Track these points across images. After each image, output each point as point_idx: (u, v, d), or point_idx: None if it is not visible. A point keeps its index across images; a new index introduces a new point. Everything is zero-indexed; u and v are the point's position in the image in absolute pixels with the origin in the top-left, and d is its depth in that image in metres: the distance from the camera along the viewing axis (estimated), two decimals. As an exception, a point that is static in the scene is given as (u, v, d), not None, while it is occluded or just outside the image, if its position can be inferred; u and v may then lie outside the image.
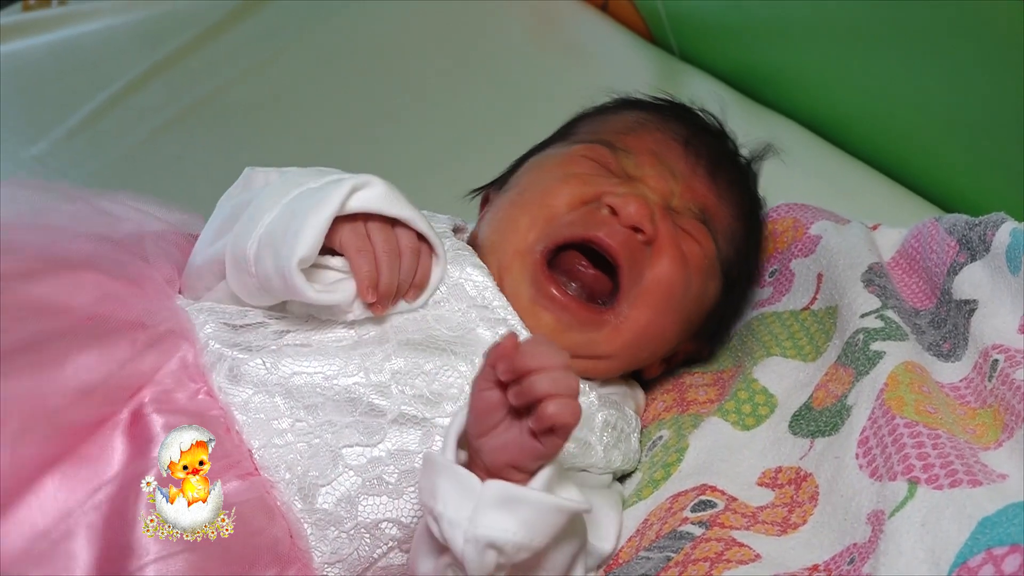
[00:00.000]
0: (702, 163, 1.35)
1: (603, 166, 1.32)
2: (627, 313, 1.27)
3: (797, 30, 1.78)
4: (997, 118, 1.45)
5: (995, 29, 1.38)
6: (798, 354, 1.32)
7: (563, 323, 1.25)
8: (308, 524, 1.15)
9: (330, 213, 1.13)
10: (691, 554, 1.09)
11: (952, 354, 1.20)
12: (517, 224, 1.29)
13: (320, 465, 1.15)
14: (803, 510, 1.12)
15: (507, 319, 1.23)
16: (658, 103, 1.45)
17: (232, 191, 1.29)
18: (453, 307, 1.23)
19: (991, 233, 1.21)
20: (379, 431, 1.17)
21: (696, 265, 1.31)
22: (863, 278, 1.30)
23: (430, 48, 2.32)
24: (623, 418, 1.29)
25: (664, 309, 1.29)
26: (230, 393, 1.17)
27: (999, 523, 0.92)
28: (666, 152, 1.34)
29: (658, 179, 1.32)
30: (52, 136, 2.17)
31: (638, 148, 1.33)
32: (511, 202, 1.33)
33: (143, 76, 2.30)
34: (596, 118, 1.42)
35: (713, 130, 1.43)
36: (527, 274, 1.26)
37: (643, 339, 1.29)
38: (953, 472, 0.99)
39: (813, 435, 1.18)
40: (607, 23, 2.27)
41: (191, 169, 2.07)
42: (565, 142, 1.39)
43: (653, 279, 1.27)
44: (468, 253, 1.27)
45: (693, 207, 1.32)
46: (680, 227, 1.30)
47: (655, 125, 1.37)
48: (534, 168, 1.37)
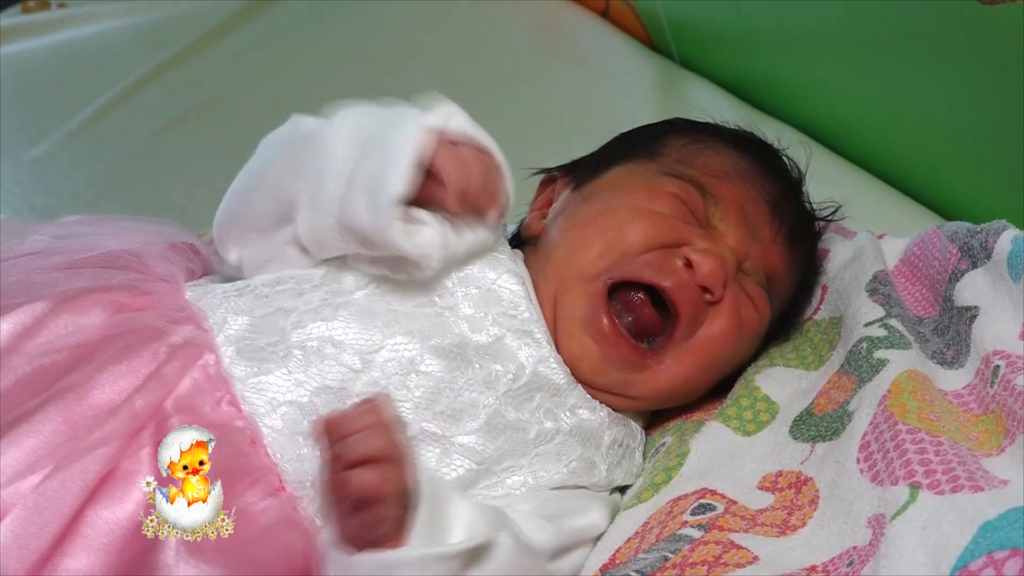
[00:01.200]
0: (784, 231, 1.32)
1: (690, 210, 1.28)
2: (670, 364, 1.25)
3: (798, 38, 1.79)
4: (998, 125, 1.45)
5: (995, 36, 1.38)
6: (801, 363, 1.32)
7: (608, 359, 1.23)
8: None
9: (419, 144, 1.12)
10: (689, 557, 1.09)
11: (955, 361, 1.20)
12: (589, 248, 1.26)
13: None
14: (803, 513, 1.11)
15: (534, 332, 1.22)
16: (751, 145, 1.40)
17: (280, 134, 1.26)
18: (484, 310, 1.21)
19: (992, 240, 1.21)
20: None
21: (749, 331, 1.30)
22: (868, 287, 1.30)
23: (431, 53, 2.32)
24: (630, 434, 1.29)
25: (706, 368, 1.28)
26: (254, 403, 1.15)
27: (1000, 527, 0.92)
28: (753, 210, 1.31)
29: (739, 239, 1.29)
30: (52, 138, 2.17)
31: (728, 199, 1.30)
32: (587, 220, 1.29)
33: (143, 79, 2.31)
34: (690, 144, 1.36)
35: (797, 191, 1.39)
36: (586, 300, 1.24)
37: (677, 391, 1.29)
38: (955, 478, 0.99)
39: (814, 440, 1.18)
40: (608, 29, 2.28)
41: (191, 172, 2.07)
42: (654, 161, 1.34)
43: (706, 338, 1.26)
44: (506, 258, 1.25)
45: (762, 273, 1.30)
46: (744, 291, 1.28)
47: (749, 176, 1.33)
48: (619, 188, 1.31)
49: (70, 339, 1.14)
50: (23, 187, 2.04)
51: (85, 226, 1.36)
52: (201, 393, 1.14)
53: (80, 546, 1.04)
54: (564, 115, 2.08)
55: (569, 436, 1.22)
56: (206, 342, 1.17)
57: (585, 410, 1.24)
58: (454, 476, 1.16)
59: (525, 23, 2.35)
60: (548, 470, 1.21)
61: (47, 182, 2.06)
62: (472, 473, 1.17)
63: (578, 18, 2.33)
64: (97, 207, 1.94)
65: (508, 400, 1.19)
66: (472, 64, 2.28)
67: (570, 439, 1.22)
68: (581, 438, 1.23)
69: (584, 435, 1.23)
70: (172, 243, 1.33)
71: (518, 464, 1.20)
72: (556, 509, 1.19)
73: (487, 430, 1.18)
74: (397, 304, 1.20)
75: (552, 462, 1.21)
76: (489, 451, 1.18)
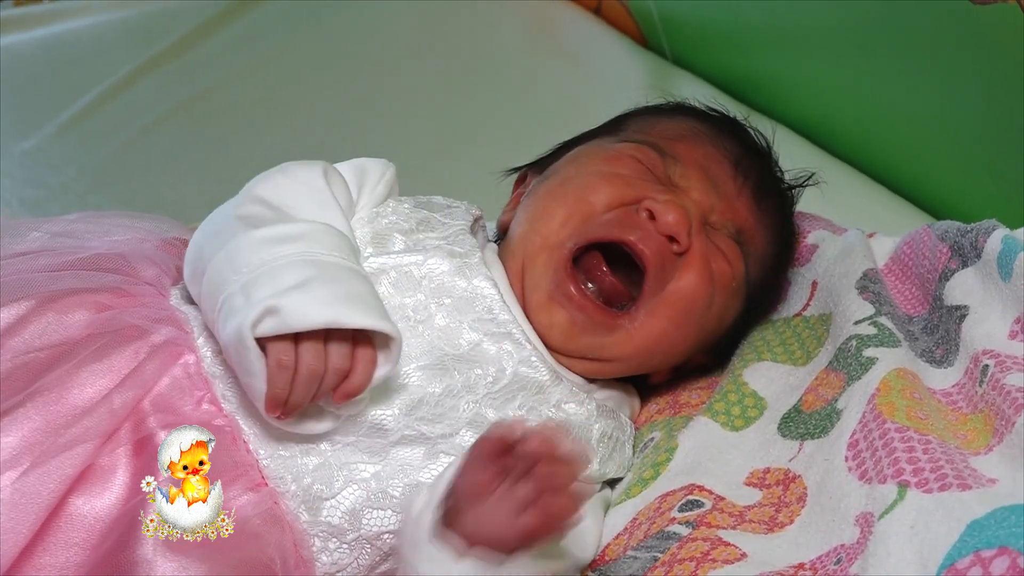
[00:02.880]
0: (748, 185, 1.32)
1: (649, 169, 1.29)
2: (643, 320, 1.25)
3: (790, 36, 1.79)
4: (989, 125, 1.45)
5: (987, 36, 1.38)
6: (789, 359, 1.32)
7: (576, 323, 1.24)
8: (312, 535, 1.14)
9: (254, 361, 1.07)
10: (677, 554, 1.09)
11: (944, 360, 1.20)
12: (552, 216, 1.27)
13: (325, 478, 1.14)
14: (790, 510, 1.12)
15: (512, 332, 1.22)
16: (713, 114, 1.42)
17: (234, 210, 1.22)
18: (458, 319, 1.21)
19: (983, 240, 1.21)
20: (381, 451, 1.16)
21: (722, 284, 1.29)
22: (858, 285, 1.30)
23: (423, 50, 2.32)
24: (619, 427, 1.29)
25: (681, 322, 1.27)
26: (234, 401, 1.15)
27: (988, 526, 0.92)
28: (714, 167, 1.31)
29: (702, 192, 1.29)
30: (43, 132, 2.17)
31: (687, 158, 1.31)
32: (549, 192, 1.30)
33: (134, 73, 2.30)
34: (648, 118, 1.39)
35: (762, 153, 1.40)
36: (550, 268, 1.24)
37: (654, 348, 1.28)
38: (943, 476, 0.99)
39: (802, 437, 1.18)
40: (600, 26, 2.28)
41: (182, 166, 2.07)
42: (613, 137, 1.36)
43: (676, 291, 1.25)
44: (475, 261, 1.24)
45: (731, 226, 1.30)
46: (714, 243, 1.28)
47: (708, 138, 1.34)
48: (578, 159, 1.33)
49: (51, 337, 1.14)
50: (13, 180, 2.03)
51: (81, 224, 1.35)
52: (181, 392, 1.14)
53: (58, 542, 1.05)
54: (556, 112, 2.08)
55: None
56: (186, 342, 1.17)
57: (572, 404, 1.24)
58: (439, 472, 1.16)
59: (517, 20, 2.35)
60: None
61: (37, 175, 2.05)
62: None
63: (570, 15, 2.33)
64: (87, 201, 1.93)
65: (488, 402, 1.19)
66: (464, 60, 2.28)
67: None
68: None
69: (572, 429, 1.23)
70: (165, 239, 1.33)
71: None
72: None
73: (471, 431, 1.18)
74: None
75: None
76: None
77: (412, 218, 1.28)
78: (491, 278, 1.24)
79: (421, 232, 1.26)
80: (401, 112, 2.16)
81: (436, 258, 1.23)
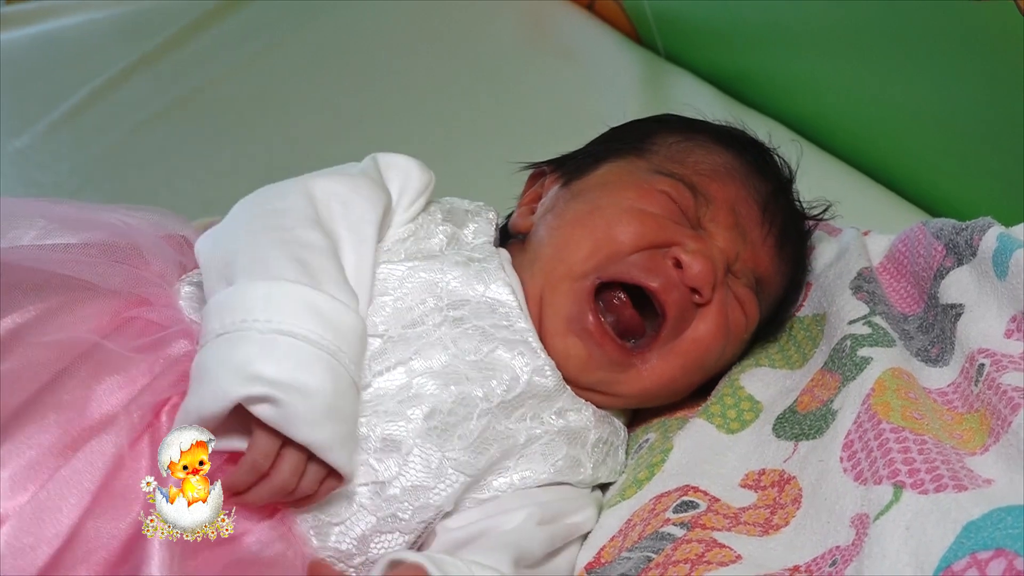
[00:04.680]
0: (774, 232, 1.32)
1: (681, 209, 1.27)
2: (654, 363, 1.25)
3: (784, 32, 1.78)
4: (986, 123, 1.45)
5: (986, 33, 1.38)
6: (786, 363, 1.32)
7: (594, 357, 1.23)
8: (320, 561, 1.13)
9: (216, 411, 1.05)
10: (672, 555, 1.08)
11: (940, 359, 1.20)
12: (578, 247, 1.25)
13: (333, 503, 1.13)
14: (786, 512, 1.11)
15: (528, 340, 1.21)
16: (742, 143, 1.38)
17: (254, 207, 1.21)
18: (474, 325, 1.20)
19: (978, 238, 1.20)
20: (392, 468, 1.15)
21: (735, 335, 1.29)
22: (852, 285, 1.30)
23: (416, 47, 2.32)
24: (613, 432, 1.29)
25: (691, 369, 1.27)
26: None
27: (984, 527, 0.91)
28: (744, 211, 1.30)
29: (728, 240, 1.28)
30: (35, 129, 2.16)
31: (719, 199, 1.29)
32: (578, 219, 1.28)
33: (127, 70, 2.30)
34: (681, 143, 1.35)
35: (787, 190, 1.39)
36: (573, 298, 1.23)
37: (661, 391, 1.28)
38: (939, 477, 0.99)
39: (797, 438, 1.18)
40: (593, 23, 2.28)
41: (174, 164, 2.06)
42: (644, 161, 1.33)
43: (691, 340, 1.25)
44: (494, 267, 1.24)
45: (751, 275, 1.30)
46: (733, 293, 1.28)
47: (740, 175, 1.32)
48: (609, 186, 1.30)
49: (61, 336, 1.12)
50: (5, 178, 2.03)
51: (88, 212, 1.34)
52: None
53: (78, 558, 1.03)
54: (549, 108, 2.08)
55: (556, 436, 1.22)
56: None
57: (572, 412, 1.23)
58: (448, 492, 1.16)
59: (511, 16, 2.35)
60: (534, 470, 1.21)
61: (29, 173, 2.05)
62: (465, 486, 1.17)
63: (564, 12, 2.33)
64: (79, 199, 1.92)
65: (500, 411, 1.19)
66: (458, 57, 2.27)
67: (557, 439, 1.22)
68: (567, 438, 1.23)
69: (570, 435, 1.23)
70: (168, 234, 1.32)
71: (504, 467, 1.20)
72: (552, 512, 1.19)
73: (479, 443, 1.17)
74: (385, 328, 1.19)
75: (538, 462, 1.21)
76: (482, 463, 1.17)
77: (440, 230, 1.27)
78: (509, 284, 1.23)
79: (448, 244, 1.26)
80: (395, 109, 2.15)
81: (457, 265, 1.22)
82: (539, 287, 1.25)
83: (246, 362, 1.05)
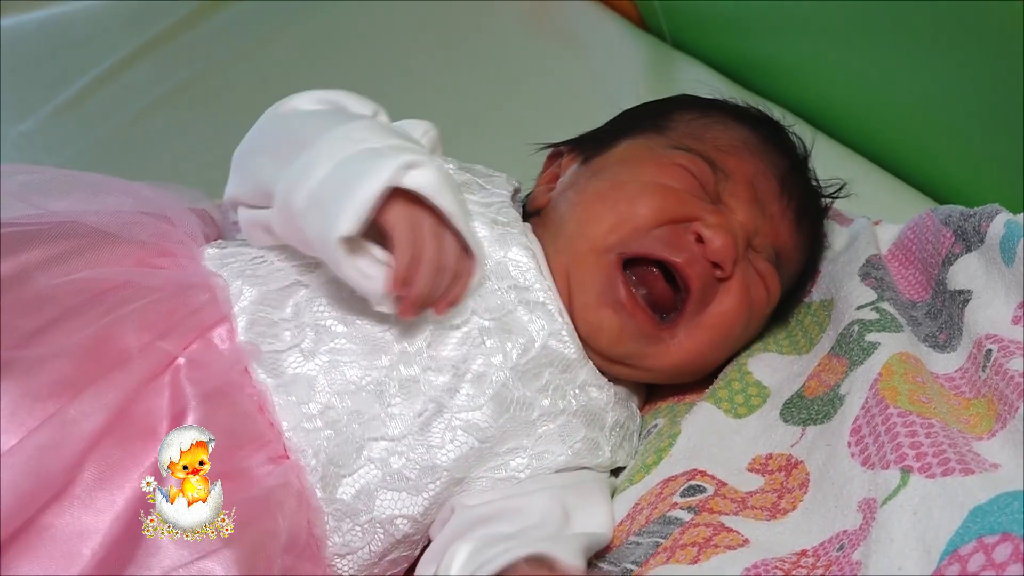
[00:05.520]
0: (792, 206, 1.32)
1: (700, 184, 1.28)
2: (682, 339, 1.26)
3: (790, 19, 1.78)
4: (992, 110, 1.44)
5: (991, 22, 1.38)
6: (793, 349, 1.32)
7: (627, 329, 1.23)
8: (327, 513, 1.15)
9: (376, 190, 1.06)
10: (679, 539, 1.09)
11: (948, 345, 1.20)
12: (600, 222, 1.25)
13: (344, 454, 1.15)
14: (793, 496, 1.11)
15: (546, 304, 1.21)
16: (759, 120, 1.40)
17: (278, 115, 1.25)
18: (493, 286, 1.20)
19: (985, 224, 1.21)
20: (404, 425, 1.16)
21: (758, 309, 1.30)
22: (860, 271, 1.30)
23: (420, 35, 2.31)
24: (630, 416, 1.29)
25: (717, 345, 1.28)
26: (263, 373, 1.15)
27: (991, 512, 0.92)
28: (763, 184, 1.31)
29: (749, 214, 1.29)
30: (39, 114, 2.16)
31: (737, 173, 1.30)
32: (597, 193, 1.28)
33: (132, 55, 2.30)
34: (698, 119, 1.36)
35: (805, 165, 1.40)
36: (601, 272, 1.24)
37: (687, 367, 1.29)
38: (946, 461, 0.99)
39: (805, 423, 1.18)
40: (600, 9, 2.27)
41: (178, 149, 2.06)
42: (663, 137, 1.33)
43: (717, 314, 1.26)
44: (517, 232, 1.24)
45: (771, 249, 1.30)
46: (754, 268, 1.29)
47: (758, 151, 1.33)
48: (628, 162, 1.31)
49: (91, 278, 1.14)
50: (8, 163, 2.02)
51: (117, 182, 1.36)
52: (216, 358, 1.15)
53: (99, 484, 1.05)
54: (554, 96, 2.07)
55: (574, 416, 1.22)
56: (221, 311, 1.17)
57: (594, 388, 1.24)
58: (456, 454, 1.17)
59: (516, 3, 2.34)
60: (552, 451, 1.21)
61: (33, 158, 2.04)
62: (474, 451, 1.17)
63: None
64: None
65: (517, 375, 1.19)
66: (462, 44, 2.27)
67: (574, 419, 1.22)
68: (586, 419, 1.23)
69: (589, 416, 1.23)
70: (192, 208, 1.32)
71: (521, 445, 1.20)
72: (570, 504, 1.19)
73: (492, 406, 1.17)
74: None
75: (556, 443, 1.21)
76: (492, 429, 1.17)
77: (456, 178, 1.25)
78: (530, 248, 1.24)
79: (464, 193, 1.25)
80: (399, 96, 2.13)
81: (478, 222, 1.23)
82: (564, 263, 1.26)
83: (374, 158, 1.08)
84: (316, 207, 1.09)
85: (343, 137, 1.12)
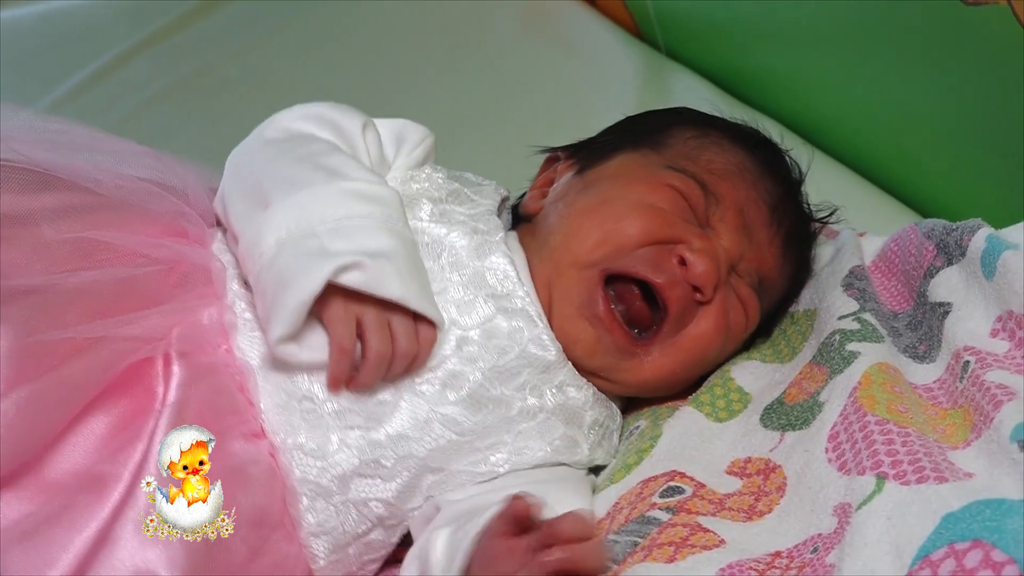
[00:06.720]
0: (780, 235, 1.33)
1: (690, 206, 1.29)
2: (656, 357, 1.27)
3: (785, 31, 1.79)
4: (979, 125, 1.46)
5: (979, 37, 1.39)
6: (776, 358, 1.33)
7: (602, 343, 1.25)
8: (301, 493, 1.17)
9: (310, 293, 1.10)
10: (657, 539, 1.10)
11: (927, 356, 1.21)
12: (586, 237, 1.26)
13: (319, 439, 1.17)
14: (770, 499, 1.13)
15: (527, 310, 1.23)
16: (756, 143, 1.40)
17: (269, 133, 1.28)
18: (473, 293, 1.23)
19: (967, 238, 1.22)
20: (380, 418, 1.18)
21: (735, 334, 1.31)
22: (843, 282, 1.31)
23: (417, 39, 2.31)
24: (610, 416, 1.31)
25: (691, 365, 1.29)
26: (248, 354, 1.18)
27: (963, 519, 0.93)
28: (752, 213, 1.32)
29: (734, 240, 1.29)
30: (38, 107, 2.15)
31: (728, 199, 1.30)
32: (587, 209, 1.29)
33: (130, 51, 2.30)
34: (696, 138, 1.36)
35: (797, 192, 1.40)
36: (582, 285, 1.25)
37: (661, 383, 1.30)
38: (921, 469, 1.00)
39: (784, 428, 1.19)
40: (595, 18, 2.28)
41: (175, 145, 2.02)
42: (659, 153, 1.34)
43: (693, 336, 1.27)
44: (497, 240, 1.26)
45: (755, 275, 1.31)
46: (735, 294, 1.30)
47: (751, 176, 1.34)
48: (621, 177, 1.32)
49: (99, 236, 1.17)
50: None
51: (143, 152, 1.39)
52: (204, 336, 1.18)
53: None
54: (549, 103, 2.08)
55: (552, 414, 1.24)
56: (216, 294, 1.21)
57: (572, 388, 1.26)
58: (432, 446, 1.19)
59: (511, 9, 2.35)
60: (531, 447, 1.23)
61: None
62: (452, 445, 1.19)
63: (565, 6, 2.33)
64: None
65: (494, 375, 1.21)
66: (458, 49, 2.27)
67: (553, 417, 1.24)
68: (564, 417, 1.25)
69: (567, 414, 1.25)
70: (211, 188, 1.34)
71: (501, 440, 1.22)
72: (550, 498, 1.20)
73: (469, 403, 1.20)
74: None
75: (535, 439, 1.23)
76: (470, 424, 1.20)
77: (444, 188, 1.29)
78: (509, 256, 1.25)
79: (450, 204, 1.28)
80: (395, 99, 2.15)
81: (458, 232, 1.25)
82: (548, 273, 1.27)
83: (320, 249, 1.11)
84: (259, 294, 1.15)
85: (297, 207, 1.16)
